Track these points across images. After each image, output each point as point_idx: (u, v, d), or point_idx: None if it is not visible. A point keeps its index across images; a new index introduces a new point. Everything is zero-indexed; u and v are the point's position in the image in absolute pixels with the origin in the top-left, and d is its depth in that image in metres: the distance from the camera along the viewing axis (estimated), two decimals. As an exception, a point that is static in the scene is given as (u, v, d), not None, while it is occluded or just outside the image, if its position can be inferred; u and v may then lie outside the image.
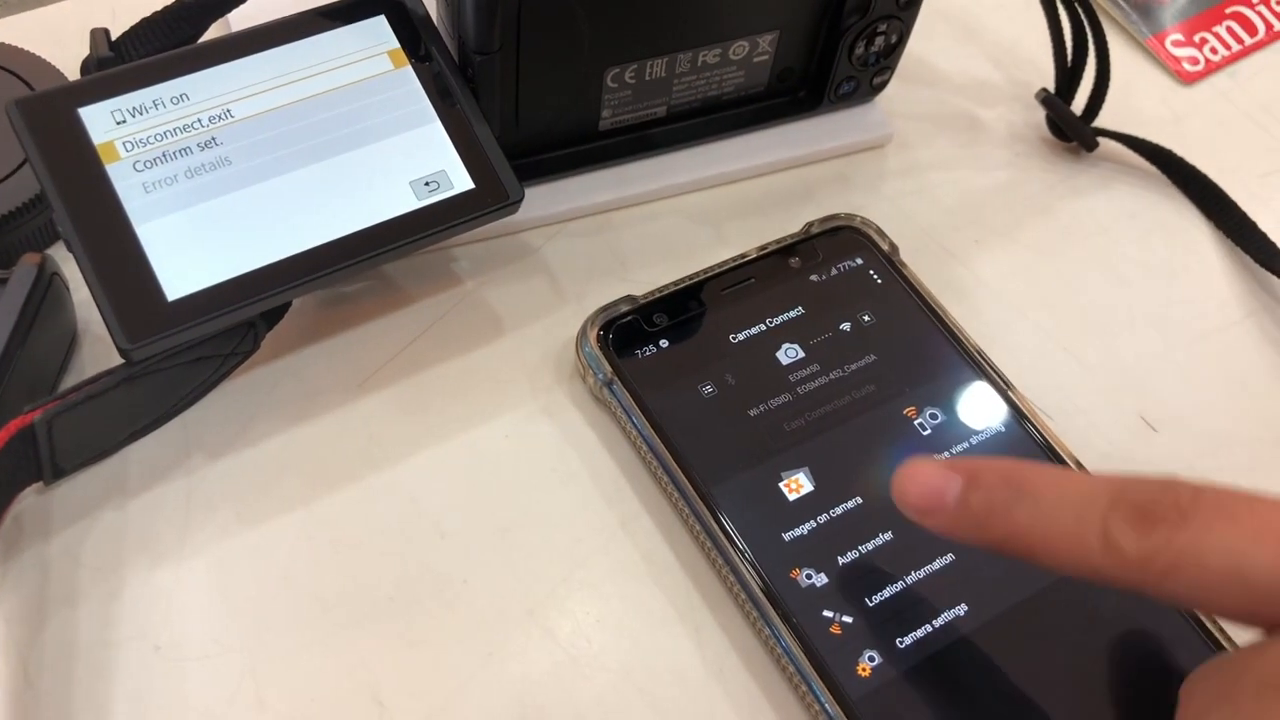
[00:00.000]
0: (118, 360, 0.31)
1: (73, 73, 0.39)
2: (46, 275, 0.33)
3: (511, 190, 0.34)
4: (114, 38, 0.36)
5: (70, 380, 0.35)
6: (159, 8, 0.36)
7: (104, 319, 0.30)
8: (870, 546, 0.32)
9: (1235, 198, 0.42)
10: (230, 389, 0.35)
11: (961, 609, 0.31)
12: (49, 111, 0.31)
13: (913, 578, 0.32)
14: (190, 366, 0.33)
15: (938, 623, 0.31)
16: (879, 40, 0.41)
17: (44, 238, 0.37)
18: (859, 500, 0.33)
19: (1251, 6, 0.50)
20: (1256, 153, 0.45)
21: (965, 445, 0.34)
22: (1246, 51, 0.49)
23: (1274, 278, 0.41)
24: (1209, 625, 0.31)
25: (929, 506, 0.28)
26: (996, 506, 0.27)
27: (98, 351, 0.36)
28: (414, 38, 0.35)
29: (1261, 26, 0.49)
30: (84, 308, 0.36)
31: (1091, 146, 0.44)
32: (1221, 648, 0.31)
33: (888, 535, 0.32)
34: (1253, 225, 0.42)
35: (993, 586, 0.32)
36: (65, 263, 0.35)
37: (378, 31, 0.35)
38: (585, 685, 0.31)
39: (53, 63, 0.40)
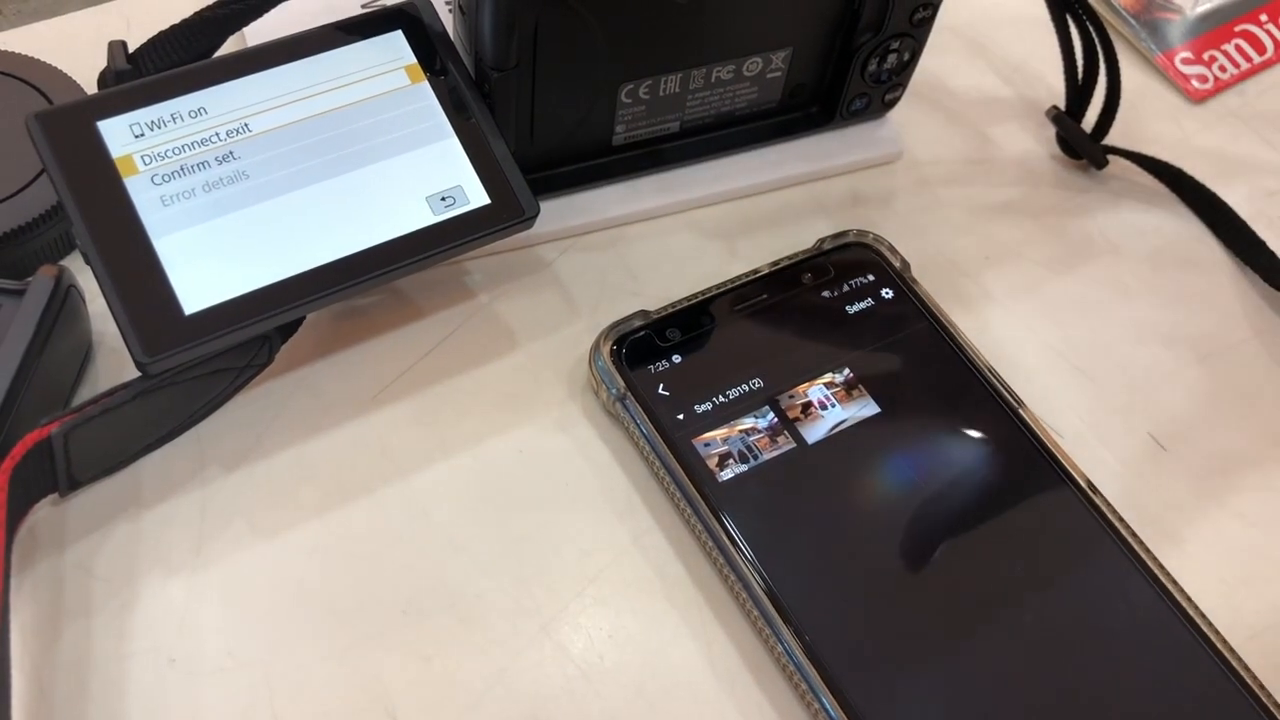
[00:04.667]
0: (133, 372, 0.31)
1: (88, 83, 0.39)
2: (63, 287, 0.33)
3: (527, 206, 0.35)
4: (131, 50, 0.36)
5: (85, 391, 0.35)
6: (176, 20, 0.36)
7: (121, 332, 0.30)
8: (879, 564, 0.32)
9: (1244, 216, 0.42)
10: (244, 401, 0.35)
11: (970, 626, 0.31)
12: (68, 125, 0.32)
13: (920, 596, 0.32)
14: (205, 379, 0.33)
15: (947, 638, 0.31)
16: (891, 58, 0.41)
17: (60, 248, 0.37)
18: (869, 516, 0.33)
19: (1260, 25, 0.50)
20: (1265, 171, 0.46)
21: (974, 462, 0.35)
22: (1255, 70, 0.49)
23: (1282, 296, 0.41)
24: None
25: None
26: None
27: (112, 363, 0.36)
28: (431, 53, 0.35)
29: (1270, 45, 0.49)
30: (99, 319, 0.36)
31: (1101, 164, 0.44)
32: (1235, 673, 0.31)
33: (895, 552, 0.33)
34: (1261, 244, 0.42)
35: (993, 604, 0.32)
36: (81, 274, 0.35)
37: (395, 46, 0.35)
38: (598, 701, 0.31)
39: (68, 73, 0.40)
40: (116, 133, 0.32)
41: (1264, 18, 0.50)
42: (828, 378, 0.36)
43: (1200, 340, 0.40)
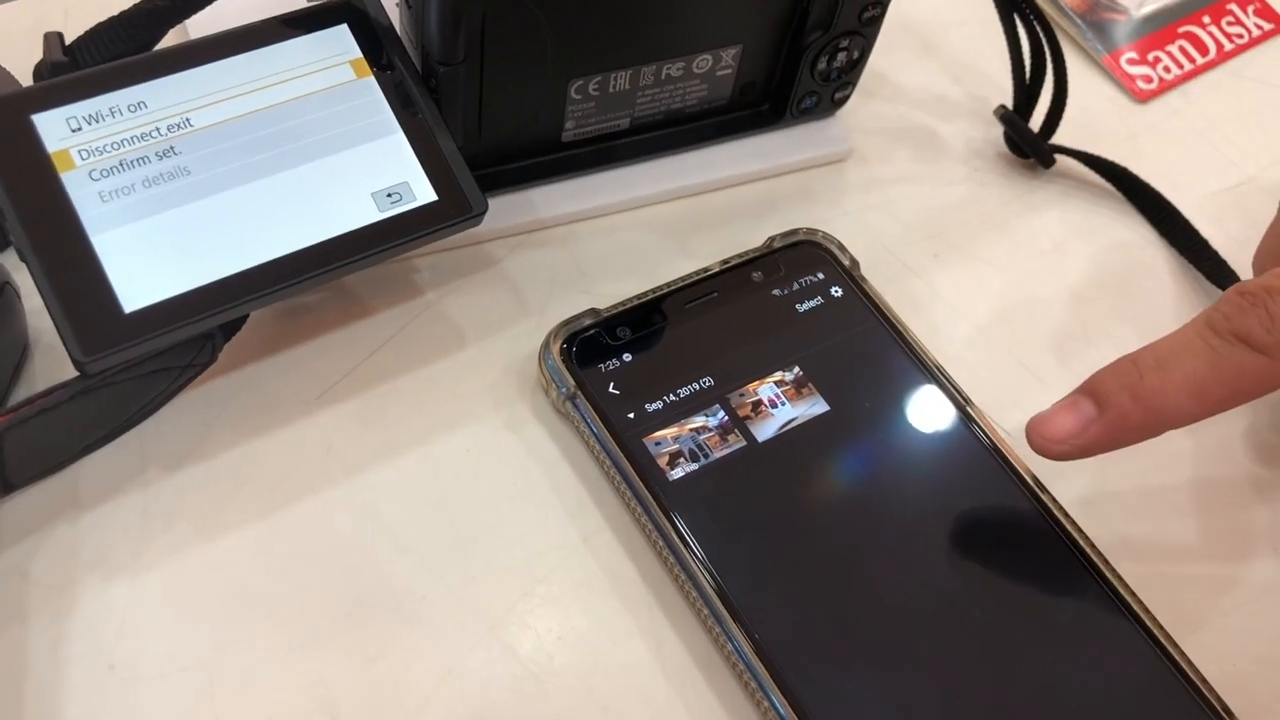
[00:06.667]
0: (71, 371, 0.31)
1: (23, 75, 0.38)
2: (-3, 285, 0.33)
3: (475, 202, 0.34)
4: (68, 41, 0.35)
5: (21, 391, 0.35)
6: (114, 11, 0.36)
7: (59, 331, 0.30)
8: (829, 563, 0.32)
9: (1187, 215, 0.43)
10: (187, 401, 0.35)
11: (919, 624, 0.32)
12: (1, 118, 0.31)
13: (870, 594, 0.32)
14: (146, 379, 0.33)
15: (897, 640, 0.31)
16: (841, 56, 0.41)
17: (-6, 245, 0.37)
18: (819, 514, 0.33)
19: (1203, 26, 0.51)
20: (1208, 171, 0.46)
21: (923, 459, 0.35)
22: (1198, 71, 0.49)
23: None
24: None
25: (1083, 441, 0.31)
26: (1132, 388, 0.30)
27: (50, 362, 0.35)
28: (377, 47, 0.35)
29: (1212, 46, 0.50)
30: (36, 316, 0.35)
31: (1048, 163, 0.44)
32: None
33: (844, 550, 0.33)
34: (1204, 242, 0.42)
35: (941, 601, 0.32)
36: (16, 271, 0.34)
37: (340, 40, 0.34)
38: (547, 702, 0.31)
39: (2, 64, 0.39)
40: (52, 126, 0.31)
41: (1206, 19, 0.51)
42: (778, 376, 0.36)
43: (1144, 338, 0.40)
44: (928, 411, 0.36)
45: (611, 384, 0.35)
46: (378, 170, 0.34)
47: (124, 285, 0.30)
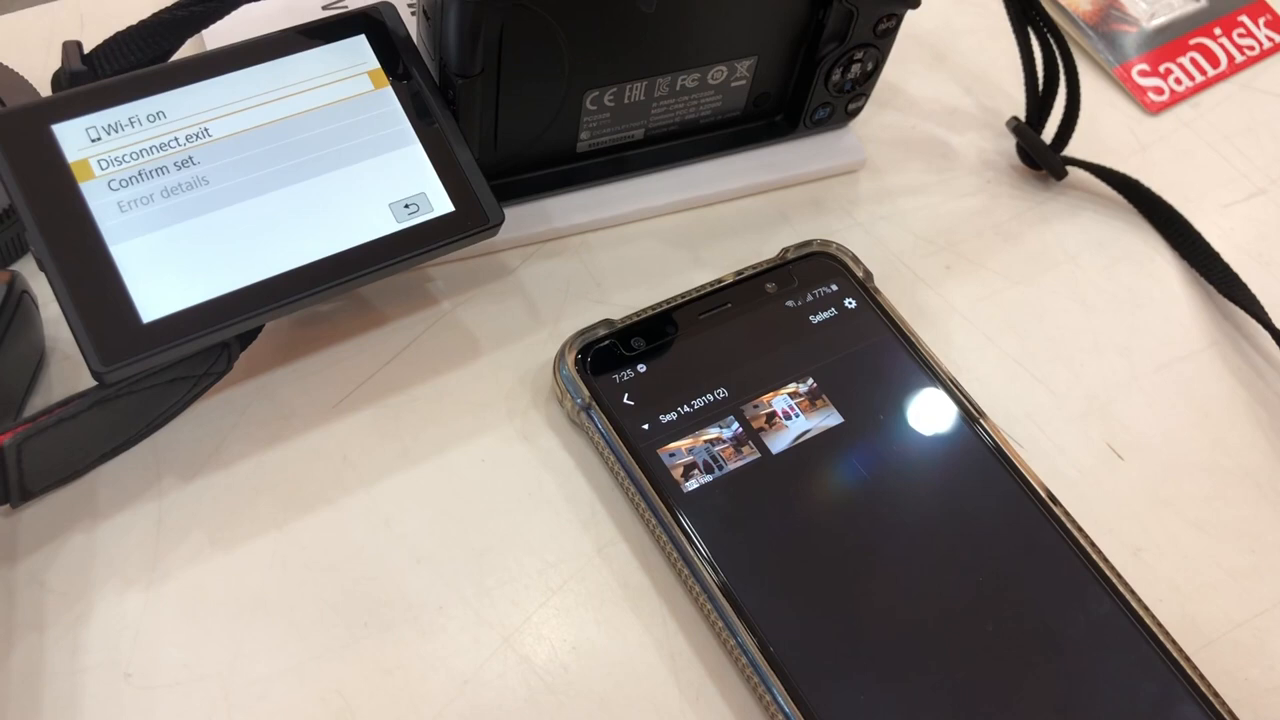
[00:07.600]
0: (87, 380, 0.31)
1: (40, 83, 0.38)
2: (16, 293, 0.33)
3: (491, 214, 0.34)
4: (86, 50, 0.35)
5: (38, 400, 0.35)
6: (130, 18, 0.36)
7: (77, 341, 0.30)
8: (842, 575, 0.32)
9: (1198, 227, 0.43)
10: (202, 410, 0.35)
11: (932, 636, 0.32)
12: (22, 127, 0.31)
13: (883, 606, 0.32)
14: (163, 388, 0.33)
15: (911, 653, 0.31)
16: (855, 67, 0.41)
17: (12, 253, 0.37)
18: (833, 526, 0.33)
19: (1214, 38, 0.51)
20: (1219, 183, 0.46)
21: (935, 471, 0.35)
22: (1209, 82, 0.50)
23: (1235, 307, 0.41)
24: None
25: None
26: None
27: (66, 370, 0.35)
28: (394, 58, 0.35)
29: (1223, 58, 0.50)
30: (53, 325, 0.35)
31: (1060, 175, 0.44)
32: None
33: (858, 562, 0.33)
34: (1215, 255, 0.42)
35: (954, 613, 0.32)
36: (34, 279, 0.34)
37: (358, 51, 0.34)
38: (562, 712, 0.31)
39: (19, 71, 0.39)
40: (72, 136, 0.31)
41: (1217, 31, 0.51)
42: (791, 388, 0.36)
43: (1156, 350, 0.41)
44: (940, 425, 0.36)
45: (626, 395, 0.35)
46: (395, 181, 0.34)
47: (142, 295, 0.31)
